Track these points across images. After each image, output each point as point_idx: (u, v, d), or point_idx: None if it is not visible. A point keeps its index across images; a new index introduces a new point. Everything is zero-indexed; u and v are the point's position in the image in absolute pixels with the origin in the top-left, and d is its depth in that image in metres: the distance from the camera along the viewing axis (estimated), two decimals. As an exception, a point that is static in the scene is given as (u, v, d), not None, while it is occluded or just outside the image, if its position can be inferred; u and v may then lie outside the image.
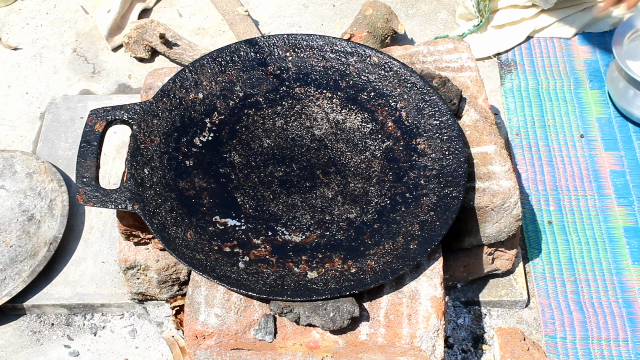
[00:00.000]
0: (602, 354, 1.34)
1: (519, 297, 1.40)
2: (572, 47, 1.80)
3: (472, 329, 1.39)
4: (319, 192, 1.25)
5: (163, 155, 1.25)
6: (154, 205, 1.18)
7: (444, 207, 1.18)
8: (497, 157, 1.28)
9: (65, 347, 1.40)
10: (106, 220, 1.52)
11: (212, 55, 1.35)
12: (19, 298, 1.41)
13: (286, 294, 1.10)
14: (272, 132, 1.32)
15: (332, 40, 1.38)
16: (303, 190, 1.25)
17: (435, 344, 1.11)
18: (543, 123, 1.67)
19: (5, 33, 1.94)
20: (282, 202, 1.24)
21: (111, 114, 1.26)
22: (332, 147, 1.30)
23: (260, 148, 1.30)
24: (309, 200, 1.24)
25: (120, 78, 1.83)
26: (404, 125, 1.30)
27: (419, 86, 1.31)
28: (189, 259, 1.13)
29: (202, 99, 1.32)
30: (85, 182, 1.19)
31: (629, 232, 1.49)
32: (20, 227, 1.47)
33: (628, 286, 1.42)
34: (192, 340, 1.12)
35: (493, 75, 1.76)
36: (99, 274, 1.45)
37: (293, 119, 1.34)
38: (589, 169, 1.58)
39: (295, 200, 1.24)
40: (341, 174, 1.27)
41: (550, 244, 1.48)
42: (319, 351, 1.12)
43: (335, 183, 1.26)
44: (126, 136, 1.60)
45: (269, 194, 1.25)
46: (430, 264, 1.17)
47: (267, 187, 1.25)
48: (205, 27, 1.91)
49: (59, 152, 1.63)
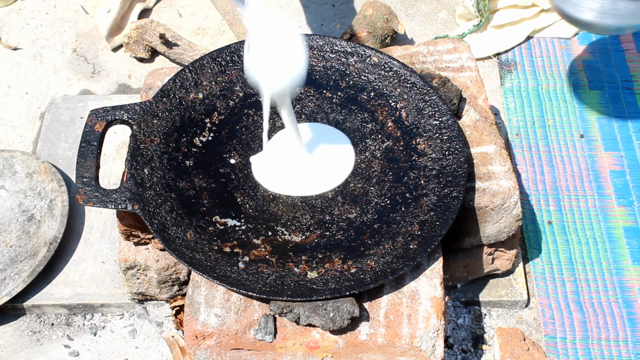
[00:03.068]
0: (602, 354, 1.34)
1: (519, 297, 1.40)
2: (572, 47, 1.80)
3: (472, 329, 1.39)
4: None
5: (163, 155, 1.25)
6: (154, 205, 1.18)
7: (444, 207, 1.18)
8: (497, 157, 1.28)
9: (65, 347, 1.40)
10: (106, 220, 1.52)
11: (212, 55, 1.35)
12: (19, 298, 1.41)
13: (286, 294, 1.10)
14: (272, 132, 1.32)
15: (332, 40, 1.38)
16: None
17: (435, 344, 1.11)
18: (543, 123, 1.67)
19: (5, 33, 1.94)
20: (282, 202, 1.24)
21: (111, 114, 1.26)
22: (332, 147, 1.30)
23: (260, 148, 1.30)
24: (308, 200, 1.24)
25: (120, 78, 1.83)
26: (404, 125, 1.30)
27: (419, 86, 1.31)
28: (188, 259, 1.13)
29: (202, 99, 1.32)
30: (85, 182, 1.19)
31: (629, 232, 1.49)
32: (20, 227, 1.47)
33: (628, 286, 1.42)
34: (192, 340, 1.12)
35: (493, 75, 1.76)
36: (99, 274, 1.45)
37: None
38: (589, 169, 1.58)
39: (295, 200, 1.24)
40: (341, 174, 1.27)
41: (550, 244, 1.48)
42: (319, 351, 1.12)
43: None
44: (126, 136, 1.60)
45: (269, 194, 1.25)
46: (430, 264, 1.17)
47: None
48: (205, 27, 1.91)
49: (59, 152, 1.63)
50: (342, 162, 1.28)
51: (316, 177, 1.26)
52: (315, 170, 1.27)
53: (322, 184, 1.25)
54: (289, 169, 1.27)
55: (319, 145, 1.29)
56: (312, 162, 1.28)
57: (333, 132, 1.31)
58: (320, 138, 1.30)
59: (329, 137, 1.31)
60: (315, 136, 1.31)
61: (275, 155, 1.28)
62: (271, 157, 1.28)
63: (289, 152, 1.27)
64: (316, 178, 1.26)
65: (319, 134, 1.31)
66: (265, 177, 1.26)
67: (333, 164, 1.28)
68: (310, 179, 1.26)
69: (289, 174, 1.26)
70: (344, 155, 1.28)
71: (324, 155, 1.29)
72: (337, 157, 1.28)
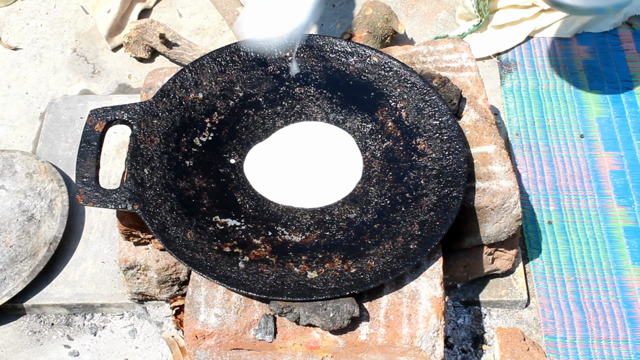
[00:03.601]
0: (602, 354, 1.34)
1: (519, 297, 1.40)
2: (572, 47, 1.80)
3: (472, 329, 1.39)
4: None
5: (163, 155, 1.25)
6: (154, 205, 1.18)
7: (444, 207, 1.18)
8: (497, 157, 1.28)
9: (65, 347, 1.40)
10: (106, 220, 1.52)
11: (212, 55, 1.35)
12: (19, 298, 1.41)
13: (286, 294, 1.10)
14: (272, 132, 1.32)
15: (332, 40, 1.38)
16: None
17: (435, 344, 1.11)
18: (543, 123, 1.67)
19: (5, 33, 1.94)
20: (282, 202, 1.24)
21: (111, 114, 1.26)
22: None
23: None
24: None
25: (120, 78, 1.83)
26: (404, 125, 1.30)
27: (419, 86, 1.31)
28: (188, 259, 1.13)
29: (202, 99, 1.32)
30: (85, 182, 1.19)
31: (629, 232, 1.49)
32: (20, 227, 1.47)
33: (628, 286, 1.42)
34: (192, 340, 1.12)
35: (493, 75, 1.76)
36: (99, 274, 1.45)
37: (293, 119, 1.34)
38: (589, 169, 1.58)
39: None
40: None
41: (550, 244, 1.48)
42: (319, 351, 1.12)
43: (335, 183, 1.26)
44: (126, 136, 1.60)
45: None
46: (430, 264, 1.17)
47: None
48: (205, 27, 1.91)
49: (59, 152, 1.63)
50: (350, 168, 1.27)
51: (322, 186, 1.25)
52: (321, 179, 1.26)
53: (329, 195, 1.24)
54: (292, 178, 1.26)
55: (323, 150, 1.29)
56: (318, 170, 1.27)
57: (338, 133, 1.31)
58: (324, 141, 1.30)
59: (334, 140, 1.30)
60: (319, 138, 1.31)
61: (276, 163, 1.27)
62: (271, 165, 1.27)
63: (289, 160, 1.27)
64: (322, 188, 1.25)
65: (323, 134, 1.31)
66: (267, 187, 1.25)
67: (340, 171, 1.27)
68: (316, 189, 1.25)
69: (293, 184, 1.26)
70: (351, 160, 1.27)
71: (330, 162, 1.28)
72: (344, 163, 1.27)
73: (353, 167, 1.27)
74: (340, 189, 1.25)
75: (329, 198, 1.24)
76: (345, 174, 1.26)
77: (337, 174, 1.27)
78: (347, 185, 1.25)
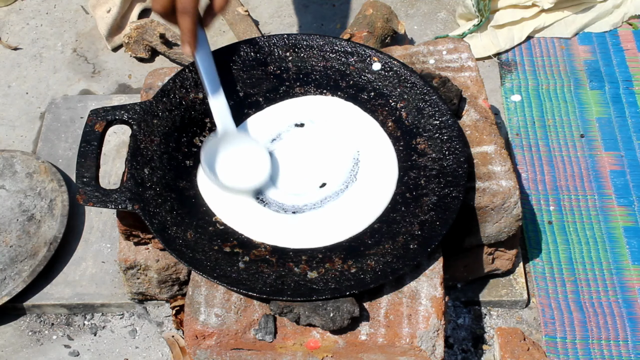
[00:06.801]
0: (602, 354, 1.34)
1: (519, 297, 1.40)
2: (572, 47, 1.80)
3: (472, 329, 1.39)
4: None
5: (163, 155, 1.25)
6: (154, 205, 1.18)
7: (444, 207, 1.18)
8: (497, 157, 1.28)
9: (65, 347, 1.40)
10: (106, 220, 1.52)
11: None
12: (19, 298, 1.41)
13: (286, 294, 1.10)
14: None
15: (332, 40, 1.38)
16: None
17: (436, 344, 1.11)
18: (543, 123, 1.67)
19: (5, 33, 1.94)
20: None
21: (111, 114, 1.26)
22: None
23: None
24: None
25: (120, 78, 1.83)
26: (404, 125, 1.30)
27: (419, 86, 1.31)
28: (188, 259, 1.13)
29: (202, 99, 1.32)
30: (85, 182, 1.19)
31: (629, 232, 1.49)
32: (20, 227, 1.47)
33: (628, 286, 1.42)
34: (192, 340, 1.12)
35: (493, 75, 1.76)
36: (99, 274, 1.45)
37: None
38: (589, 169, 1.58)
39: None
40: (341, 174, 1.27)
41: (550, 244, 1.48)
42: (319, 351, 1.12)
43: (335, 183, 1.26)
44: (126, 136, 1.60)
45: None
46: (430, 264, 1.17)
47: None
48: (205, 27, 1.91)
49: (59, 152, 1.63)
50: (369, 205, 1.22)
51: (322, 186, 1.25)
52: (321, 179, 1.26)
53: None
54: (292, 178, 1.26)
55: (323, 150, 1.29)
56: (317, 170, 1.27)
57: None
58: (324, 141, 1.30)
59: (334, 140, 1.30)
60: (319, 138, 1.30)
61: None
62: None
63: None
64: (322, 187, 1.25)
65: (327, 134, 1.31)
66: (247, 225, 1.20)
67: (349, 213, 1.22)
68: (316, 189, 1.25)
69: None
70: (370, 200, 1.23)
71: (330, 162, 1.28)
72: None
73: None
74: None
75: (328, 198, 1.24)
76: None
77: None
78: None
